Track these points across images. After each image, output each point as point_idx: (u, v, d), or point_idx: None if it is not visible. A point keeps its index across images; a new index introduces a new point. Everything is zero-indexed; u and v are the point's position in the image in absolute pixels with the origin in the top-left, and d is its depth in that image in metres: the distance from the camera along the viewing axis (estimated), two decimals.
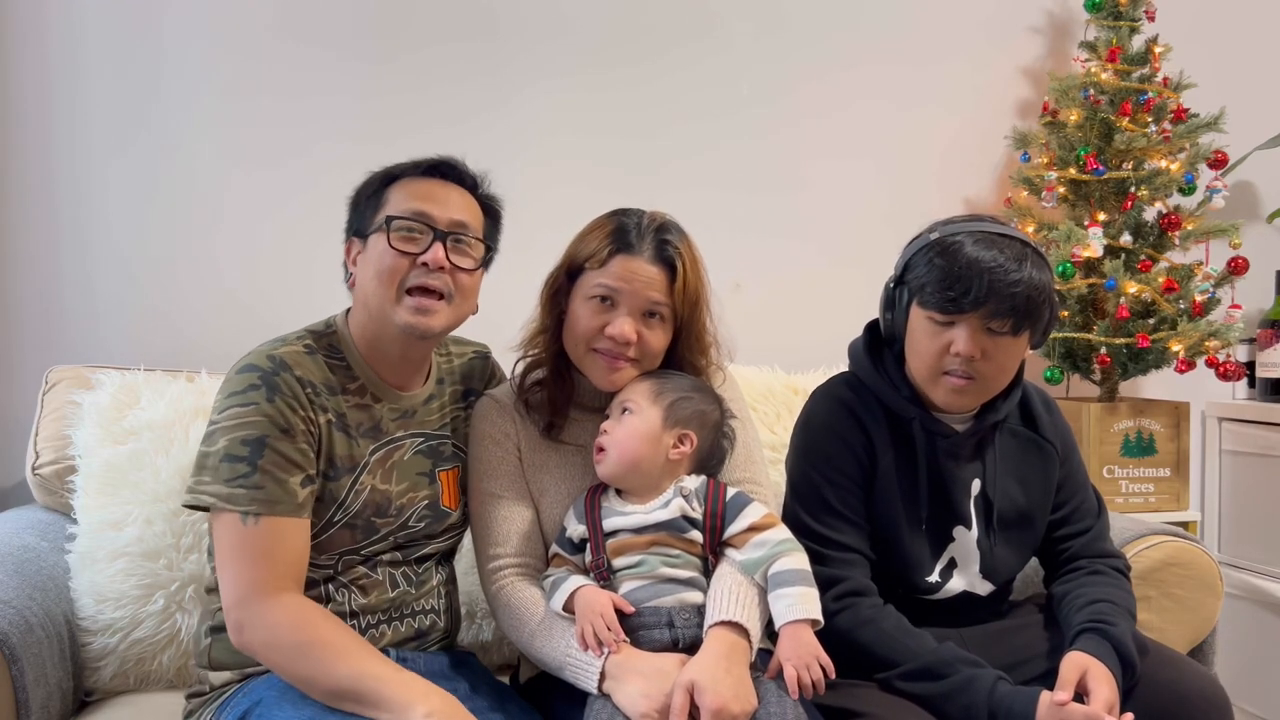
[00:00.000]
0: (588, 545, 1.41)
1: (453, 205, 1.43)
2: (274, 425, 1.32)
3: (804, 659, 1.29)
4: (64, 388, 1.85)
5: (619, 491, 1.44)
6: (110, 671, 1.65)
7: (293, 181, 2.20)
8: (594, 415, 1.50)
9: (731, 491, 1.43)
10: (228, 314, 2.16)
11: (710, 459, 1.48)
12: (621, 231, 1.45)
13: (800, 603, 1.32)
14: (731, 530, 1.39)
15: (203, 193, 2.16)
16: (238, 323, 2.14)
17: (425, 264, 1.38)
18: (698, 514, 1.40)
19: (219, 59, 2.17)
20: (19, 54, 2.08)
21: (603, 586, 1.38)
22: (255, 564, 1.28)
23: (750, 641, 1.32)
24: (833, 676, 1.30)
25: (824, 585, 1.41)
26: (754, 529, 1.39)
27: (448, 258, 1.40)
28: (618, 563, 1.38)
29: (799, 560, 1.37)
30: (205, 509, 1.32)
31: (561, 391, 1.50)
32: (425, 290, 1.39)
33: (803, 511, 1.52)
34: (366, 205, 1.45)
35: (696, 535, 1.39)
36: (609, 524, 1.40)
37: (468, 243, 1.43)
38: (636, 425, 1.41)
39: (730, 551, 1.40)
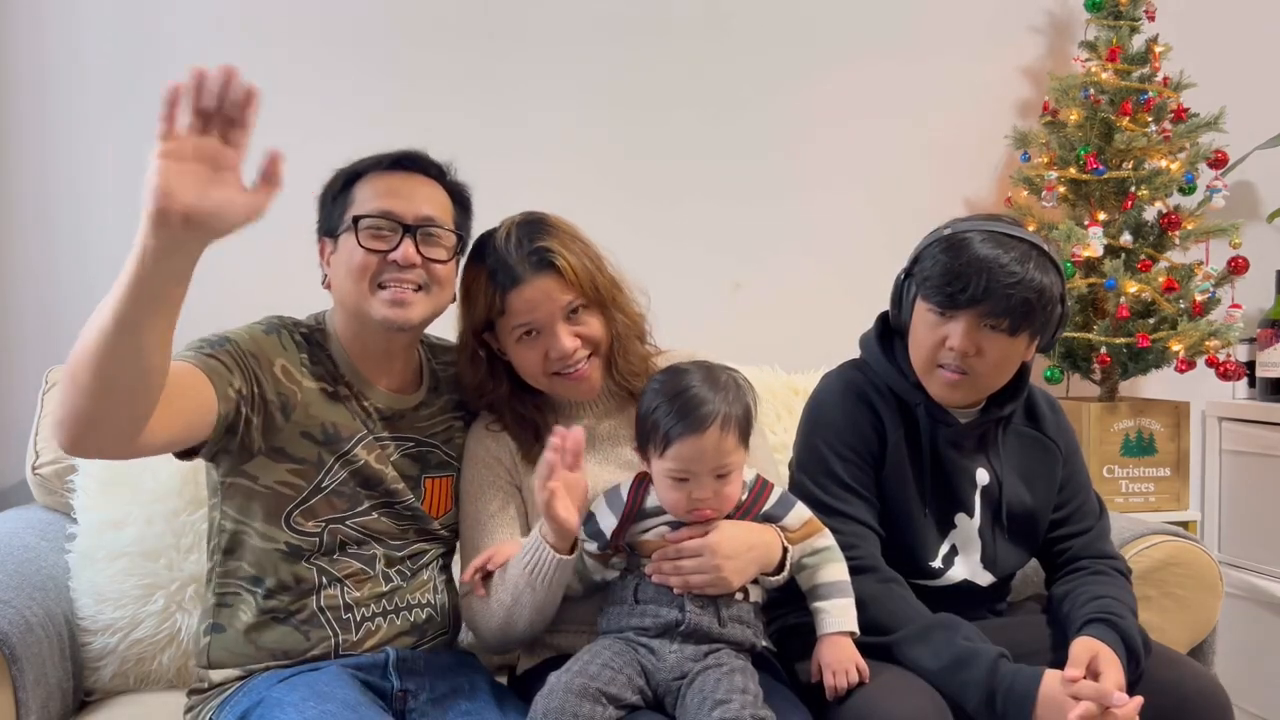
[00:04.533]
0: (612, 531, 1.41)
1: (419, 199, 1.42)
2: (250, 342, 1.38)
3: (843, 664, 1.36)
4: None
5: None
6: (110, 671, 1.65)
7: (291, 182, 2.18)
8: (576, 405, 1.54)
9: (776, 493, 1.45)
10: (226, 314, 2.13)
11: None
12: (493, 273, 1.43)
13: (840, 615, 1.40)
14: (788, 525, 1.44)
15: None
16: (237, 322, 2.13)
17: (396, 261, 1.38)
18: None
19: (219, 62, 2.16)
20: (17, 57, 2.07)
21: (617, 564, 1.42)
22: None
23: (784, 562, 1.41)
24: (867, 682, 1.35)
25: None
26: (806, 526, 1.44)
27: (419, 251, 1.39)
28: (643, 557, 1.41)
29: (839, 571, 1.42)
30: None
31: (527, 429, 1.51)
32: (400, 281, 1.39)
33: (810, 483, 1.53)
34: (334, 204, 1.44)
35: None
36: (650, 504, 1.41)
37: (438, 234, 1.43)
38: (738, 479, 1.40)
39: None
